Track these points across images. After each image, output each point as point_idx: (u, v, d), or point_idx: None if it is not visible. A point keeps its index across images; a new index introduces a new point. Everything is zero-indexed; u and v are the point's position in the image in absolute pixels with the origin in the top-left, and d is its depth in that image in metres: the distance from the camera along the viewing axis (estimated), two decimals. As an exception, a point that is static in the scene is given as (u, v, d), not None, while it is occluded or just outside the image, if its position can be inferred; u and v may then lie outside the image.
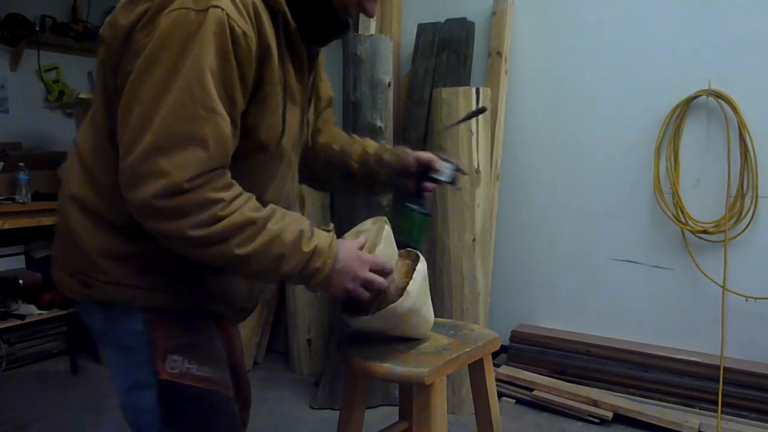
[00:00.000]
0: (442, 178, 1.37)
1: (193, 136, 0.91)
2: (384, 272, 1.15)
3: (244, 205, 0.97)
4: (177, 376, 1.06)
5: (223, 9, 0.92)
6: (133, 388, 1.08)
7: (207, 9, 0.91)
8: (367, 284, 1.12)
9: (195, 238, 0.94)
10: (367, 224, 1.29)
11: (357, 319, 1.22)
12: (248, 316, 1.31)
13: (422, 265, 1.25)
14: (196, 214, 0.92)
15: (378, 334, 1.32)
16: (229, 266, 1.02)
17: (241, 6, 0.95)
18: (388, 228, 1.22)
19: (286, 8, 1.04)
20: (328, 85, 1.42)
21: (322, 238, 1.06)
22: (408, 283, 1.21)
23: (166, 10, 0.92)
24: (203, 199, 0.92)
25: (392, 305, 1.18)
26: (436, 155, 1.39)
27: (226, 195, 0.95)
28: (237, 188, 0.98)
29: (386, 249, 1.19)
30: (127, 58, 0.96)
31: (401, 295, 1.20)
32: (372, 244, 1.18)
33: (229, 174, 0.97)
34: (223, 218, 0.94)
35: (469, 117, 1.37)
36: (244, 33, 0.94)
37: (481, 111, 1.38)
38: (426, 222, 1.39)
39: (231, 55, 0.93)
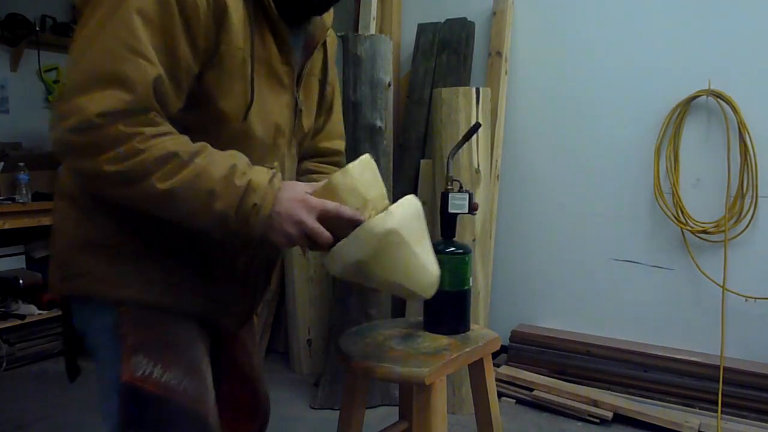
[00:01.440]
0: (462, 211, 1.48)
1: (113, 76, 0.86)
2: (338, 218, 0.97)
3: (169, 140, 0.90)
4: (138, 380, 1.00)
5: None
6: (105, 393, 1.05)
7: None
8: (312, 234, 0.96)
9: (112, 174, 0.87)
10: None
11: (331, 253, 1.00)
12: (246, 321, 1.22)
13: (414, 199, 1.07)
14: (112, 148, 0.86)
15: (363, 277, 1.06)
16: (157, 207, 0.92)
17: None
18: (366, 156, 1.04)
19: None
20: (337, 96, 1.33)
21: (259, 172, 0.94)
22: (389, 206, 1.02)
23: None
24: (118, 132, 0.86)
25: (369, 221, 0.98)
26: (449, 190, 1.48)
27: (146, 129, 0.88)
28: (164, 126, 0.91)
29: (358, 172, 1.00)
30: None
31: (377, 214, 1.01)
32: (333, 183, 0.99)
33: (159, 118, 0.91)
34: (141, 151, 0.87)
35: (467, 138, 1.38)
36: None
37: (475, 128, 1.39)
38: (459, 261, 1.46)
39: (174, 8, 0.90)
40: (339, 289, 2.70)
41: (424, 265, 1.06)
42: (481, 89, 2.53)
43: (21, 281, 3.20)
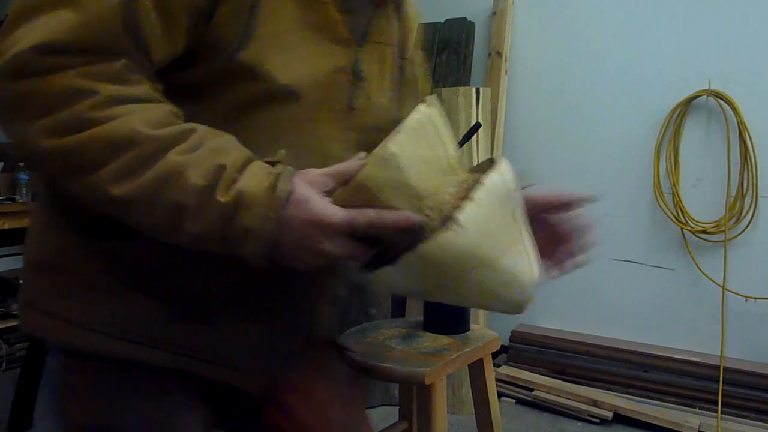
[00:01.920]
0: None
1: None
2: (378, 230, 0.63)
3: (136, 113, 0.59)
4: None
5: None
6: None
7: None
8: (342, 260, 0.66)
9: (46, 151, 0.58)
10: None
11: (381, 276, 0.67)
12: (275, 377, 0.82)
13: (498, 176, 0.66)
14: (51, 108, 0.57)
15: (431, 299, 0.82)
16: (110, 212, 0.63)
17: None
18: (424, 111, 0.67)
19: None
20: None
21: (255, 176, 0.61)
22: (460, 207, 0.64)
23: None
24: (63, 84, 0.57)
25: (421, 249, 0.63)
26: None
27: (105, 87, 0.58)
28: (137, 88, 0.61)
29: (405, 152, 0.64)
30: None
31: (443, 227, 0.63)
32: (362, 181, 0.64)
33: (132, 70, 0.61)
34: (91, 123, 0.57)
35: (466, 139, 1.35)
36: None
37: (476, 128, 1.38)
38: None
39: None
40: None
41: (509, 282, 0.72)
42: (481, 89, 2.53)
43: (21, 281, 3.20)
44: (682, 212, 2.56)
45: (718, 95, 2.45)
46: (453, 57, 2.96)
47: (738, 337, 2.47)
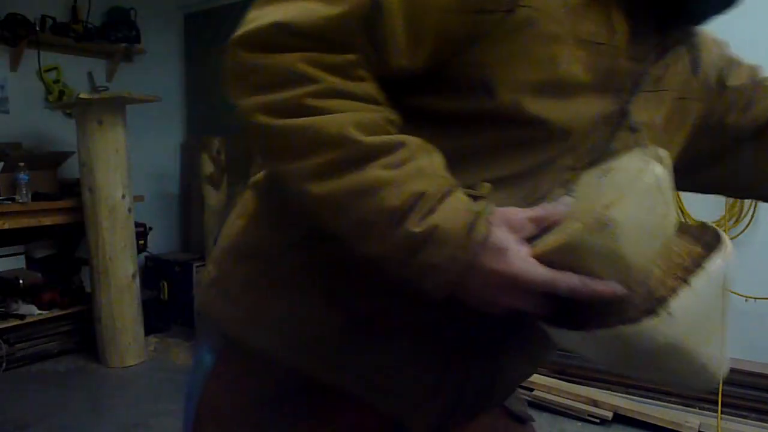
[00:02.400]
0: None
1: None
2: (579, 293, 0.56)
3: (351, 112, 0.57)
4: None
5: None
6: None
7: None
8: (527, 311, 0.59)
9: (259, 128, 0.59)
10: (623, 162, 0.60)
11: (564, 335, 0.61)
12: (444, 426, 0.73)
13: (720, 260, 0.58)
14: (272, 87, 0.57)
15: (607, 368, 0.74)
16: (296, 206, 0.63)
17: None
18: (652, 177, 0.57)
19: None
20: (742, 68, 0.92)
21: (453, 211, 0.56)
22: (674, 292, 0.56)
23: None
24: (290, 66, 0.57)
25: (625, 329, 0.56)
26: None
27: (328, 78, 0.57)
28: (363, 87, 0.59)
29: (629, 221, 0.56)
30: None
31: (650, 312, 0.55)
32: (573, 242, 0.56)
33: (363, 68, 0.58)
34: (305, 111, 0.57)
35: None
36: None
37: None
38: None
39: None
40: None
41: (698, 372, 0.63)
42: (481, 89, 2.53)
43: (21, 281, 3.20)
44: (682, 212, 2.56)
45: (718, 95, 2.45)
46: (453, 57, 2.95)
47: (738, 337, 2.46)
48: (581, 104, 0.63)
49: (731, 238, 2.42)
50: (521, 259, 0.55)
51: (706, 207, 2.53)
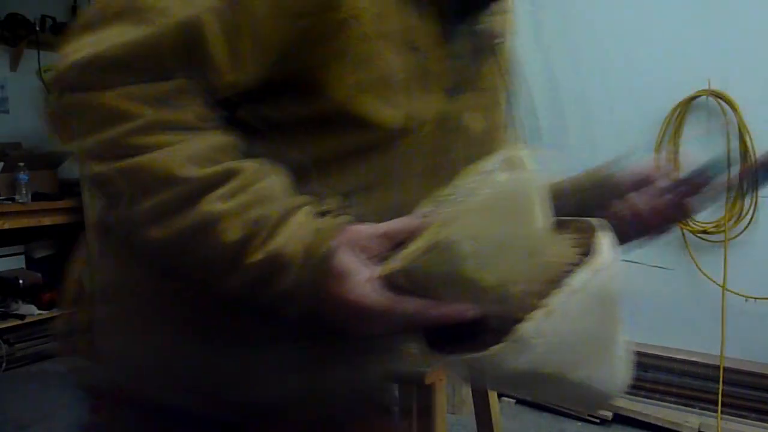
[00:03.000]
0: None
1: (130, 6, 0.54)
2: (420, 321, 0.54)
3: (183, 144, 0.53)
4: None
5: None
6: None
7: None
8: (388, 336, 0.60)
9: (92, 174, 0.55)
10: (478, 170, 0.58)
11: (443, 359, 0.57)
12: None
13: (587, 274, 0.52)
14: (92, 129, 0.53)
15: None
16: (143, 254, 0.61)
17: None
18: (501, 177, 0.54)
19: None
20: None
21: (294, 234, 0.54)
22: (531, 313, 0.51)
23: None
24: (106, 105, 0.53)
25: (479, 357, 0.51)
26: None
27: (149, 112, 0.53)
28: (189, 111, 0.55)
29: (476, 229, 0.51)
30: None
31: (504, 336, 0.50)
32: (423, 269, 0.52)
33: (188, 92, 0.55)
34: (130, 151, 0.53)
35: None
36: None
37: None
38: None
39: None
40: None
41: (594, 388, 0.59)
42: (481, 89, 2.53)
43: (21, 281, 3.20)
44: (682, 212, 2.56)
45: (718, 95, 2.45)
46: (453, 57, 2.95)
47: (738, 337, 2.47)
48: (412, 105, 0.63)
49: (731, 239, 2.43)
50: (361, 284, 0.53)
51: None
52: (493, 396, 1.48)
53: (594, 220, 0.58)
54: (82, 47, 0.54)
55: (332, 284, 0.53)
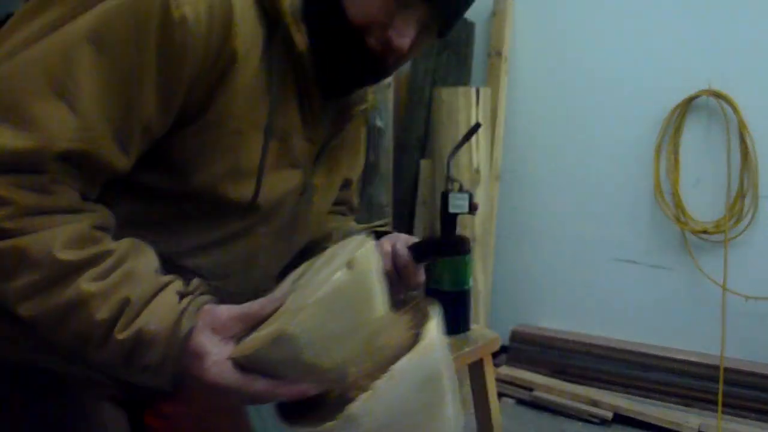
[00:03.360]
0: (462, 211, 1.36)
1: (16, 111, 0.59)
2: (267, 399, 0.63)
3: (52, 229, 0.59)
4: None
5: None
6: None
7: None
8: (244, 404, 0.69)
9: None
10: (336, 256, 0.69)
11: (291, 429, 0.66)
12: (153, 395, 0.78)
13: (421, 359, 0.62)
14: None
15: None
16: (19, 332, 0.65)
17: None
18: (336, 287, 0.59)
19: (291, 22, 0.71)
20: (358, 164, 1.02)
21: (157, 314, 0.61)
22: (360, 394, 0.59)
23: None
24: None
25: (322, 429, 0.59)
26: (449, 190, 1.31)
27: (25, 197, 0.58)
28: (61, 198, 0.61)
29: (312, 323, 0.58)
30: None
31: (337, 413, 0.59)
32: (261, 353, 0.60)
33: (58, 185, 0.61)
34: (7, 233, 0.58)
35: (467, 138, 1.38)
36: (183, 18, 0.62)
37: (476, 128, 1.39)
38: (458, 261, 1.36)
39: (149, 43, 0.62)
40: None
41: None
42: (481, 89, 2.53)
43: None
44: (682, 212, 2.56)
45: (718, 95, 2.45)
46: (453, 57, 2.96)
47: (738, 337, 2.47)
48: (273, 184, 0.75)
49: (731, 239, 2.43)
50: (216, 365, 0.60)
51: (706, 207, 2.53)
52: (493, 396, 1.48)
53: (426, 302, 0.68)
54: None
55: (190, 363, 0.61)
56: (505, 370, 2.76)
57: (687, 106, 2.53)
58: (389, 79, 2.69)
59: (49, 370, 0.74)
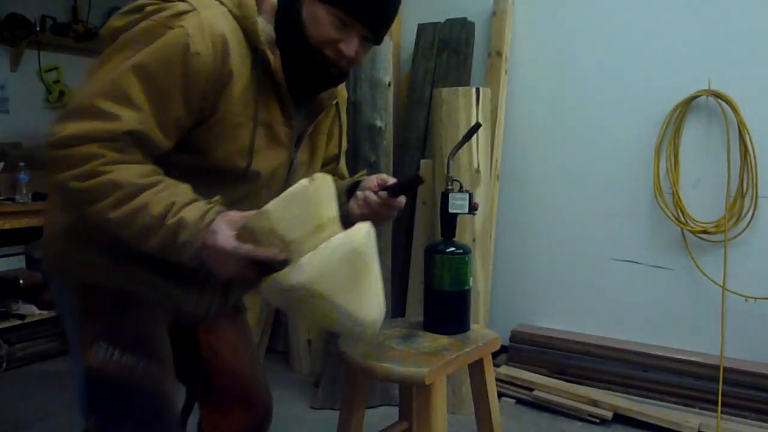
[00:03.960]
0: (462, 211, 1.45)
1: (97, 110, 0.96)
2: (251, 256, 0.96)
3: (128, 169, 0.97)
4: (100, 363, 1.10)
5: (186, 30, 0.99)
6: (74, 368, 1.15)
7: (173, 27, 0.99)
8: (242, 276, 1.00)
9: (74, 190, 0.97)
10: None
11: (261, 292, 1.01)
12: (201, 321, 1.29)
13: (350, 240, 0.97)
14: (77, 165, 0.95)
15: (295, 315, 1.12)
16: (111, 230, 1.01)
17: (206, 33, 1.01)
18: (304, 184, 0.96)
19: (267, 50, 1.08)
20: (341, 142, 1.37)
21: (194, 209, 0.98)
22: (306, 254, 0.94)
23: (147, 19, 1.02)
24: (87, 152, 0.95)
25: (275, 275, 0.95)
26: (449, 190, 1.45)
27: (111, 154, 0.96)
28: (132, 155, 0.99)
29: (278, 212, 0.95)
30: None
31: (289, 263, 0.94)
32: (249, 226, 0.96)
33: (130, 148, 0.99)
34: (99, 174, 0.95)
35: (467, 138, 1.38)
36: (198, 53, 0.99)
37: (476, 128, 1.40)
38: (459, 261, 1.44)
39: (176, 70, 0.99)
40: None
41: (351, 314, 0.99)
42: (481, 89, 2.53)
43: (21, 281, 3.20)
44: (682, 212, 2.56)
45: (718, 95, 2.45)
46: (453, 57, 2.96)
47: (738, 337, 2.47)
48: (265, 159, 1.13)
49: (731, 239, 2.44)
50: (225, 237, 0.96)
51: (706, 207, 2.53)
52: (493, 396, 1.48)
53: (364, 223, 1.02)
54: (73, 128, 0.96)
55: (208, 237, 0.97)
56: (505, 370, 2.76)
57: (687, 106, 2.54)
58: (389, 79, 2.69)
59: (123, 290, 1.12)
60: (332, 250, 0.94)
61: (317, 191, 0.98)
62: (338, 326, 1.03)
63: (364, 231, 0.99)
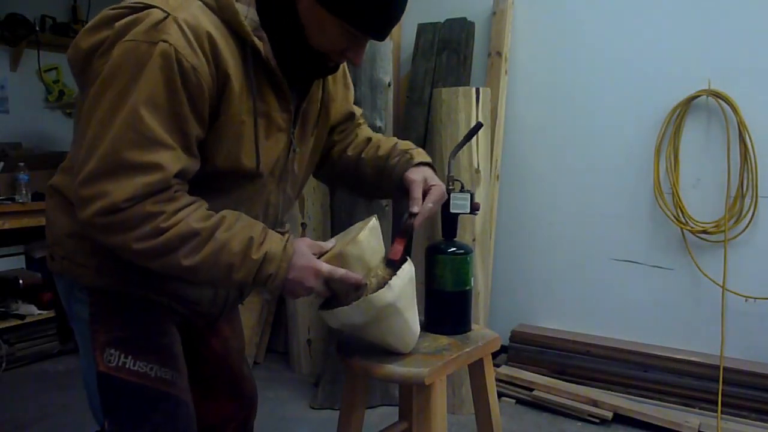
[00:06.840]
0: (464, 211, 1.44)
1: (133, 164, 0.94)
2: (343, 283, 1.09)
3: (190, 216, 0.98)
4: (113, 370, 1.10)
5: (171, 44, 0.94)
6: (86, 371, 1.14)
7: (156, 42, 0.94)
8: (320, 295, 1.11)
9: (141, 251, 0.97)
10: (356, 225, 1.23)
11: (332, 313, 1.15)
12: (214, 321, 1.31)
13: (409, 266, 1.19)
14: (139, 227, 0.95)
15: (358, 335, 1.26)
16: (183, 276, 1.02)
17: (192, 39, 0.96)
18: (374, 222, 1.17)
19: (255, 39, 1.04)
20: (348, 100, 1.38)
21: (274, 242, 1.04)
22: (390, 279, 1.14)
23: (121, 40, 0.96)
24: (144, 212, 0.94)
25: (371, 296, 1.10)
26: (450, 190, 1.43)
27: (168, 207, 0.96)
28: (184, 200, 0.99)
29: (366, 242, 1.13)
30: (87, 82, 1.01)
31: (382, 286, 1.12)
32: (347, 240, 1.13)
33: (175, 189, 0.98)
34: (166, 230, 0.96)
35: (468, 138, 1.38)
36: (193, 67, 0.95)
37: (477, 128, 1.39)
38: (460, 261, 1.45)
39: (180, 90, 0.95)
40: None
41: (411, 328, 1.24)
42: (481, 89, 2.53)
43: (21, 281, 3.20)
44: (682, 212, 2.56)
45: (718, 95, 2.45)
46: (453, 57, 2.96)
47: (738, 337, 2.47)
48: (269, 151, 1.12)
49: (731, 239, 2.44)
50: (315, 261, 1.08)
51: (706, 207, 2.53)
52: (493, 396, 1.48)
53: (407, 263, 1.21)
54: (113, 190, 0.94)
55: (299, 258, 1.06)
56: (505, 370, 2.76)
57: (687, 106, 2.54)
58: (389, 79, 2.69)
59: (134, 294, 1.13)
60: (404, 275, 1.15)
61: (379, 230, 1.19)
62: (398, 342, 1.24)
63: (409, 266, 1.19)
